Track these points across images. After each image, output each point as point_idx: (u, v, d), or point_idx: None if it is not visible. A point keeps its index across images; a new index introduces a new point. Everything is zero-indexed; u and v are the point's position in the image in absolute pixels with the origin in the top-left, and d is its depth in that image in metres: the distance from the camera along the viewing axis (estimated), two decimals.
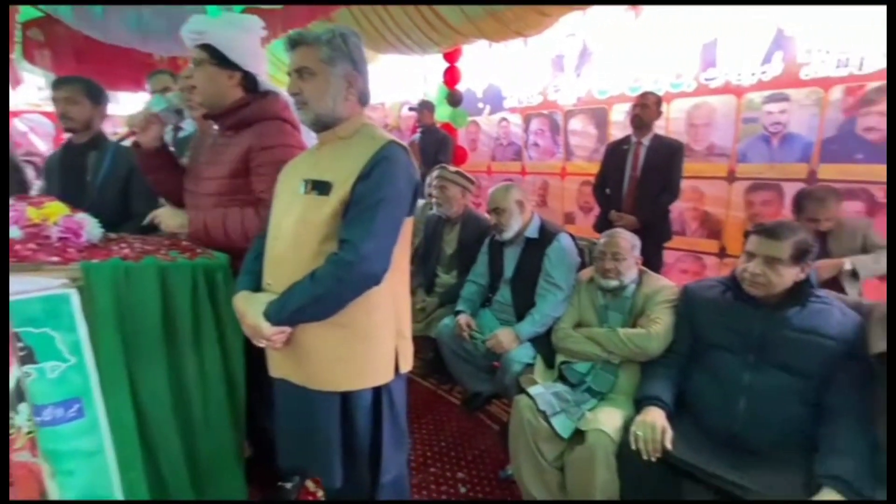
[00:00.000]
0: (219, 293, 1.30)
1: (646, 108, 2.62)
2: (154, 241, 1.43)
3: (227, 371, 1.34)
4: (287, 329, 1.04)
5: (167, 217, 1.40)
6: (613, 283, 1.68)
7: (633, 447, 1.28)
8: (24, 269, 1.02)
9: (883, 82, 2.39)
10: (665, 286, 1.68)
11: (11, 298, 1.01)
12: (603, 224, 2.85)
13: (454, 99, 4.42)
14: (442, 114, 4.45)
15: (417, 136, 4.17)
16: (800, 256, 1.29)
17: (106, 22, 3.46)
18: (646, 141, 2.66)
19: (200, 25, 1.32)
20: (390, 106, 5.86)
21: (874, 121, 2.44)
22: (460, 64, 4.38)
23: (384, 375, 1.13)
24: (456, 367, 2.18)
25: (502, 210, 2.00)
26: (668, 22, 3.12)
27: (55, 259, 1.07)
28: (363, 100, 1.15)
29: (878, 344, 1.13)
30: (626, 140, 2.77)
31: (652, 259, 2.55)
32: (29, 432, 1.37)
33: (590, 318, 1.78)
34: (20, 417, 1.39)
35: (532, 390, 1.58)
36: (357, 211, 1.01)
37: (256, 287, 1.13)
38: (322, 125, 1.11)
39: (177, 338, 1.24)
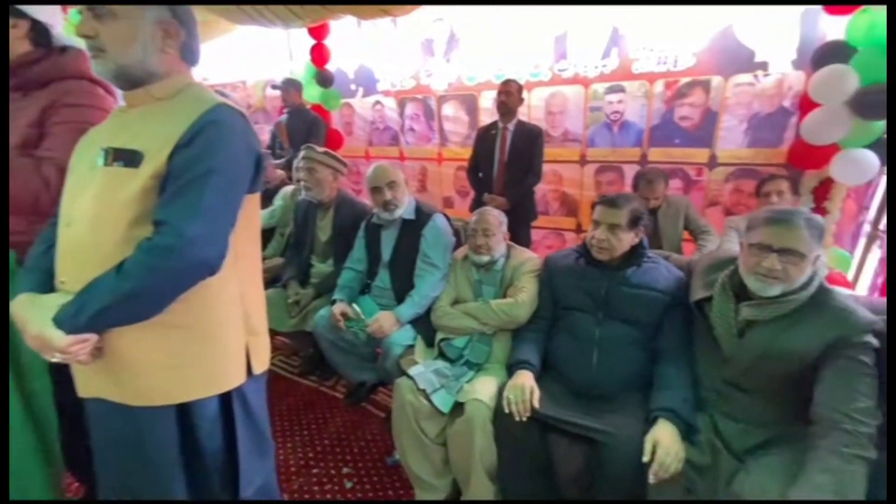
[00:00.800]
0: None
1: (510, 96, 2.77)
2: None
3: (27, 409, 1.05)
4: (91, 337, 0.83)
5: None
6: (485, 258, 1.75)
7: (507, 410, 1.35)
8: None
9: (692, 78, 2.87)
10: (530, 258, 1.79)
11: None
12: (478, 206, 2.95)
13: (324, 78, 4.16)
14: (312, 95, 4.17)
15: (284, 117, 3.84)
16: (635, 222, 1.48)
17: None
18: (511, 126, 2.82)
19: None
20: (253, 84, 5.31)
21: (686, 111, 2.93)
22: (329, 42, 4.13)
23: (233, 379, 0.98)
24: (337, 359, 2.07)
25: (396, 183, 1.95)
26: (526, 13, 3.32)
27: None
28: (188, 56, 0.97)
29: (697, 293, 1.35)
30: (493, 126, 2.90)
31: (522, 238, 2.73)
32: None
33: (465, 294, 1.82)
34: None
35: (412, 371, 1.56)
36: (177, 186, 0.83)
37: (46, 289, 0.89)
38: (128, 80, 0.90)
39: None
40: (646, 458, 1.17)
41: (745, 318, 1.22)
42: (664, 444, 1.17)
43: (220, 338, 0.95)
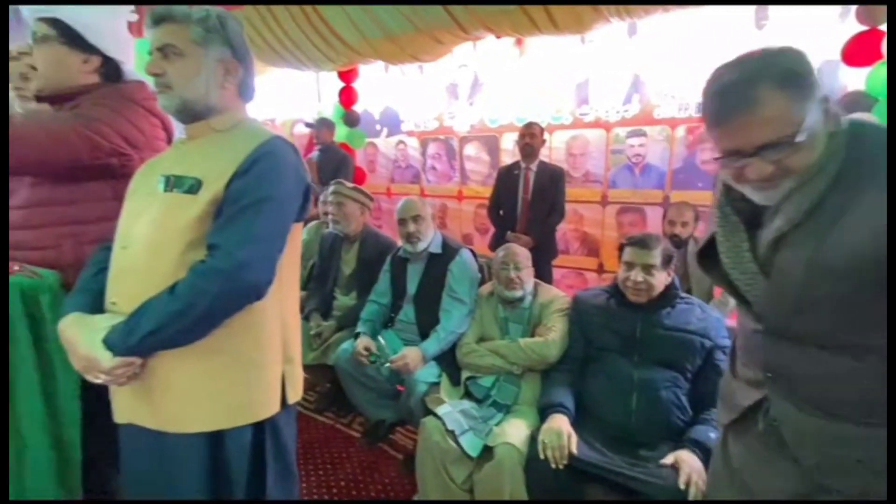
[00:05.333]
0: (43, 325, 1.01)
1: (534, 138, 2.86)
2: None
3: (54, 429, 1.03)
4: (135, 360, 0.83)
5: None
6: (518, 292, 1.72)
7: (542, 456, 1.28)
8: None
9: None
10: (558, 295, 1.77)
11: None
12: (498, 243, 2.96)
13: (350, 119, 4.33)
14: (338, 134, 4.33)
15: (316, 153, 3.98)
16: (668, 261, 1.46)
17: None
18: (534, 167, 2.89)
19: None
20: (282, 123, 5.54)
21: (709, 155, 2.96)
22: (357, 84, 4.33)
23: (268, 408, 0.95)
24: (357, 395, 2.02)
25: (421, 217, 1.96)
26: (548, 60, 3.47)
27: None
28: (245, 92, 1.01)
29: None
30: (516, 166, 2.97)
31: (543, 276, 2.70)
32: None
33: (492, 331, 1.79)
34: None
35: (440, 410, 1.51)
36: (231, 212, 0.85)
37: (94, 309, 0.90)
38: (190, 114, 0.94)
39: None
40: (682, 484, 1.16)
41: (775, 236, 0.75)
42: (688, 462, 1.20)
43: (259, 365, 0.94)
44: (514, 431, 1.42)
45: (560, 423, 1.34)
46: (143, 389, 0.87)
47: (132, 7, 1.31)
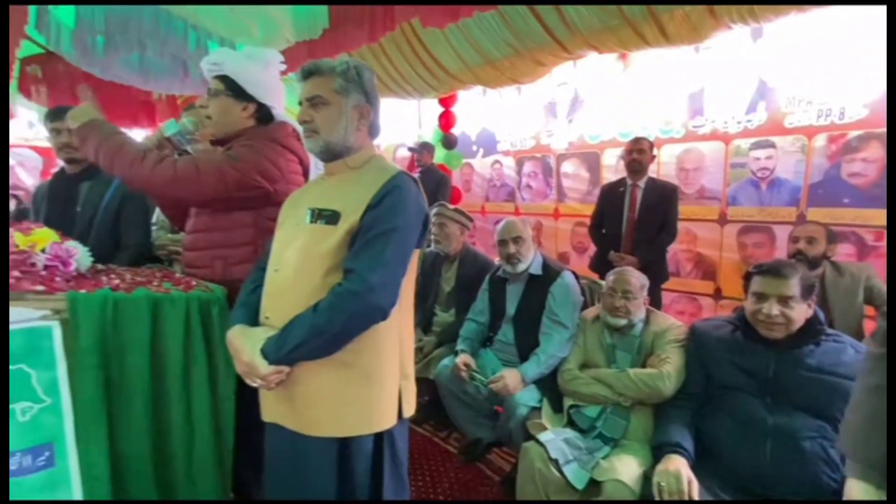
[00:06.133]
0: (213, 330, 1.21)
1: (643, 153, 2.70)
2: (146, 272, 1.36)
3: (216, 419, 1.23)
4: (285, 368, 0.96)
5: (77, 109, 1.32)
6: (623, 321, 1.64)
7: (658, 499, 1.19)
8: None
9: (865, 131, 2.51)
10: (674, 325, 1.65)
11: None
12: (599, 263, 2.85)
13: (449, 142, 4.53)
14: (436, 156, 4.54)
15: (416, 175, 4.24)
16: (808, 291, 1.29)
17: (107, 59, 3.50)
18: (641, 183, 2.73)
19: (220, 57, 1.34)
20: (385, 147, 5.96)
21: (858, 167, 2.54)
22: (455, 108, 4.52)
23: (387, 420, 1.04)
24: (456, 412, 2.07)
25: (521, 239, 1.98)
26: (656, 73, 3.28)
27: (40, 288, 0.99)
28: (373, 132, 1.14)
29: None
30: (621, 182, 2.83)
31: (652, 299, 2.53)
32: None
33: (597, 358, 1.72)
34: None
35: (542, 436, 1.49)
36: (365, 240, 0.97)
37: (253, 322, 1.06)
38: (331, 154, 1.08)
39: (164, 380, 1.14)
40: None
41: None
42: None
43: (380, 379, 1.03)
44: (625, 468, 1.34)
45: (678, 466, 1.24)
46: (286, 394, 1.00)
47: (283, 58, 1.53)
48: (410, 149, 4.45)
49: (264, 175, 1.33)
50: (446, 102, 4.45)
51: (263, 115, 1.42)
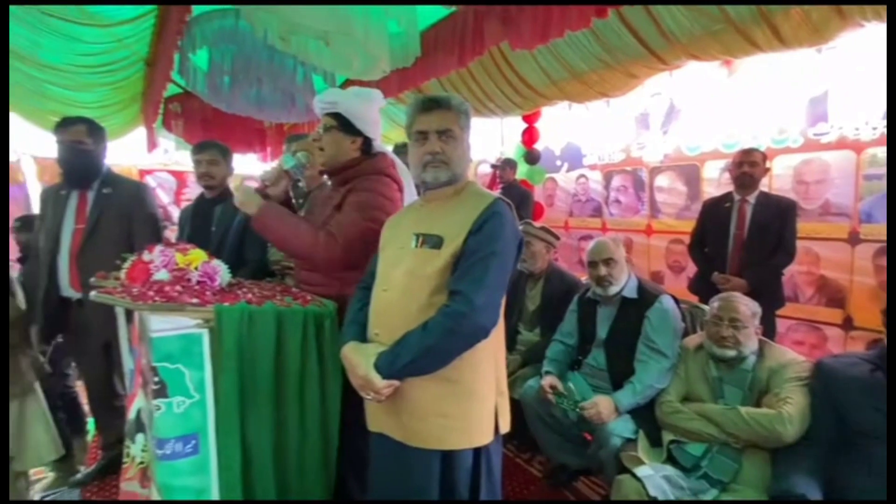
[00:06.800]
0: (324, 340, 1.34)
1: (755, 166, 2.45)
2: (269, 287, 1.54)
3: (324, 422, 1.35)
4: (395, 382, 1.03)
5: (241, 193, 1.46)
6: (731, 352, 1.51)
7: None
8: (171, 308, 1.14)
9: None
10: (794, 360, 1.48)
11: (155, 335, 1.12)
12: (700, 285, 2.63)
13: (532, 157, 4.50)
14: (519, 171, 4.54)
15: (499, 192, 4.28)
16: None
17: (231, 95, 4.07)
18: (751, 199, 2.48)
19: (332, 97, 1.50)
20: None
21: None
22: (539, 124, 4.49)
23: (485, 435, 1.08)
24: (541, 435, 2.03)
25: (613, 261, 1.92)
26: (768, 78, 2.99)
27: (195, 301, 1.18)
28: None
29: None
30: (726, 198, 2.60)
31: (765, 328, 2.28)
32: (141, 462, 1.46)
33: (701, 391, 1.60)
34: (135, 447, 1.48)
35: (639, 471, 1.41)
36: (469, 263, 1.02)
37: (363, 337, 1.15)
38: (450, 183, 1.15)
39: (285, 382, 1.28)
40: None
41: None
42: None
43: (480, 395, 1.08)
44: None
45: None
46: (393, 407, 1.08)
47: (382, 96, 1.67)
48: (493, 165, 4.51)
49: (383, 210, 1.45)
50: (530, 119, 4.44)
51: (367, 146, 1.56)
